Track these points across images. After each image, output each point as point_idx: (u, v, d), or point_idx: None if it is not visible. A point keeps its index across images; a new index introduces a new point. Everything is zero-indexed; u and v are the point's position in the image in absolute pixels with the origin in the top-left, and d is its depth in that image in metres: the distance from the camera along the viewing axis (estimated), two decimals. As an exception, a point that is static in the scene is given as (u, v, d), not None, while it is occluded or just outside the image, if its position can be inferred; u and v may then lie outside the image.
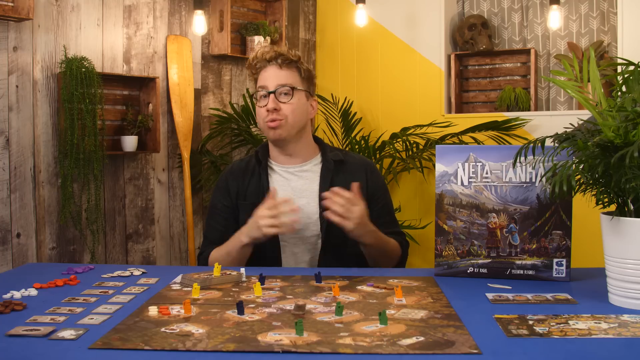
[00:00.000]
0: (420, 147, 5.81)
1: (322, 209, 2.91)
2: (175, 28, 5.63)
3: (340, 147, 6.02)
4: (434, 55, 6.22)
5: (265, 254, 2.92)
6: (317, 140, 3.14)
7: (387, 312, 1.95)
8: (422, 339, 1.70)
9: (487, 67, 6.26)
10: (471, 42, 6.09)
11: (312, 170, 3.04)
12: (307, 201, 2.98)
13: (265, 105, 2.93)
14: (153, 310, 1.98)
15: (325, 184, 2.97)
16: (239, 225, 2.93)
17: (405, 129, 5.80)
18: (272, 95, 2.92)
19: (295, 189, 3.00)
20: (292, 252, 2.96)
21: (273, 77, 2.95)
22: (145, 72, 5.38)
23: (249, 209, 2.89)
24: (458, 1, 6.42)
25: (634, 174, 1.91)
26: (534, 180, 2.36)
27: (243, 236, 2.81)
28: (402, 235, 3.11)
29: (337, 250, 2.94)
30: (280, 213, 2.71)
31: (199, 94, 5.86)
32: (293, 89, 2.95)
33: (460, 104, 6.34)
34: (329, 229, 2.92)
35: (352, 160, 3.09)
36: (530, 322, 1.83)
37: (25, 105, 4.57)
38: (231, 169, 3.12)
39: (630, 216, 2.00)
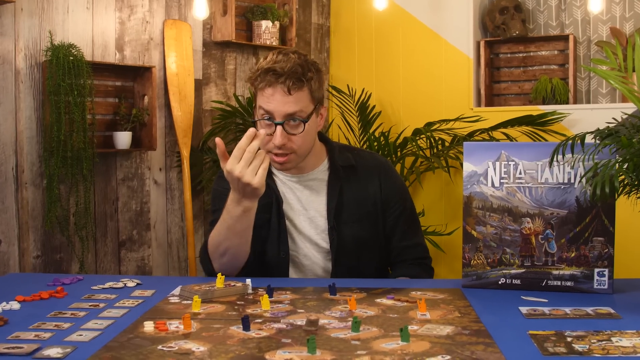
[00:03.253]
0: (446, 144, 5.81)
1: (332, 222, 2.91)
2: (173, 12, 5.65)
3: (357, 144, 6.02)
4: (462, 42, 6.21)
5: (271, 273, 2.90)
6: (323, 139, 3.06)
7: (410, 327, 1.96)
8: (448, 357, 1.70)
9: (521, 55, 6.25)
10: (503, 28, 6.08)
11: (318, 178, 2.99)
12: (314, 214, 2.95)
13: (270, 135, 2.76)
14: (149, 326, 1.98)
15: (334, 194, 2.94)
16: None
17: (429, 124, 5.80)
18: (279, 128, 2.75)
19: (300, 200, 2.97)
20: (300, 270, 2.95)
21: (280, 104, 2.75)
22: (140, 60, 5.40)
23: (256, 209, 2.88)
24: (488, -19, 6.42)
25: (684, 174, 1.91)
26: (572, 181, 2.36)
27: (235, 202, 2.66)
28: (423, 255, 3.08)
29: (350, 268, 2.92)
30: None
31: (199, 85, 5.87)
32: (305, 121, 2.79)
33: (491, 96, 6.33)
34: (340, 244, 2.91)
35: (363, 163, 3.03)
36: (569, 339, 1.83)
37: (6, 97, 4.59)
38: None
39: (681, 221, 2.00)
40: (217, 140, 2.59)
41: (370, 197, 2.99)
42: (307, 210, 2.96)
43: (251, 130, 2.55)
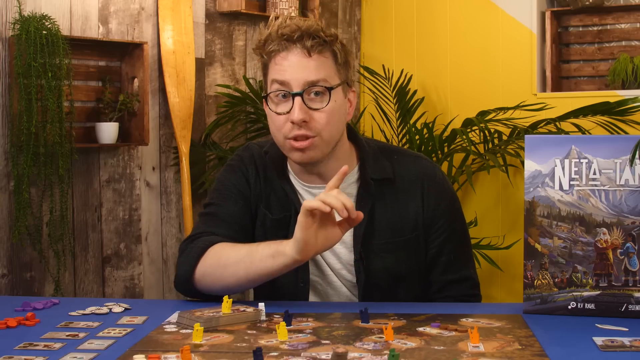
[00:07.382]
0: (504, 137, 5.80)
1: (358, 253, 2.80)
2: (169, -24, 5.67)
3: (395, 137, 6.01)
4: (523, 13, 6.21)
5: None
6: (353, 137, 2.93)
7: (458, 363, 1.96)
8: (505, 399, 1.71)
9: (596, 28, 6.24)
10: (574, -6, 6.09)
11: (345, 192, 2.71)
12: None
13: (287, 113, 2.69)
14: (140, 360, 1.99)
15: (364, 216, 2.70)
16: (254, 236, 2.90)
17: (483, 114, 5.80)
18: (298, 100, 2.66)
19: None
20: (323, 300, 2.90)
21: (298, 69, 2.68)
22: (129, 35, 5.41)
23: (270, 224, 2.86)
24: (556, -63, 6.42)
25: None
26: (659, 183, 2.36)
27: (287, 247, 2.54)
28: (471, 292, 2.95)
29: (383, 304, 2.76)
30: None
31: (202, 66, 5.89)
32: (330, 89, 2.71)
33: (559, 79, 6.32)
34: (369, 278, 2.83)
35: (403, 174, 2.89)
36: (655, 378, 1.83)
37: (-34, 81, 4.62)
38: (251, 155, 2.96)
39: None
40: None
41: (410, 220, 2.86)
42: None
43: None
